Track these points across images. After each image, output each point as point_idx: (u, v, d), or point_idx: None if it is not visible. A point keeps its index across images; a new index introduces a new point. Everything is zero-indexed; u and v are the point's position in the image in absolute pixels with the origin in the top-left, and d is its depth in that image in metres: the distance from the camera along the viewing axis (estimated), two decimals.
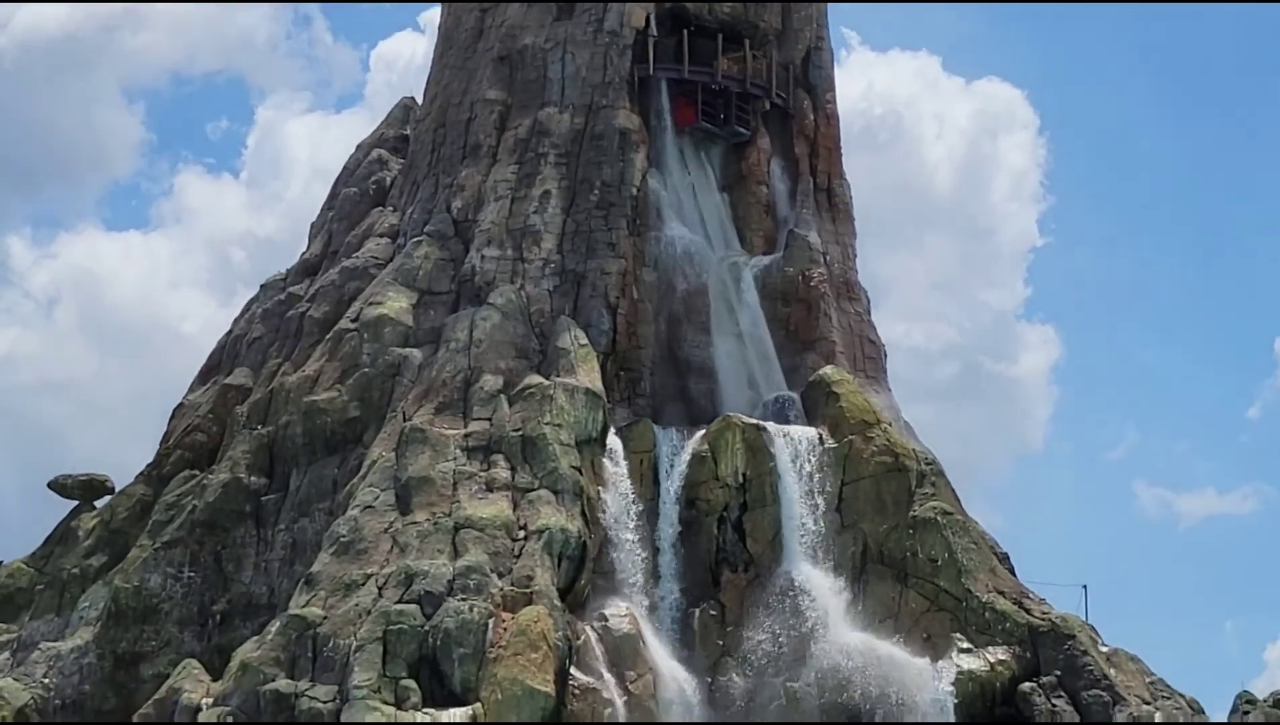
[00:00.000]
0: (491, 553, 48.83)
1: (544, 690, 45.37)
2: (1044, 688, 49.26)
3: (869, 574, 52.10)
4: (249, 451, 54.86)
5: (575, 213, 57.62)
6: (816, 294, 58.90)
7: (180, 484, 55.57)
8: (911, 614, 51.35)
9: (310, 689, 46.04)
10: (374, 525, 50.02)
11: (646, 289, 57.55)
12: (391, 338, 55.38)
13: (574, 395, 52.60)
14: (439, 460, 51.23)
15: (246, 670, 46.92)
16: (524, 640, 46.13)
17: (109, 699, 51.35)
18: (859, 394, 55.38)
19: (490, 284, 56.06)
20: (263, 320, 60.61)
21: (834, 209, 62.10)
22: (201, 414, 58.25)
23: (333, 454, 53.96)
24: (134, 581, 53.00)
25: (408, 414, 53.02)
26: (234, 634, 51.40)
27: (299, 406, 54.74)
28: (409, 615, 46.93)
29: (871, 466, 53.17)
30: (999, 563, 53.29)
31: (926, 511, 52.48)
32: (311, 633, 47.27)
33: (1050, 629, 50.51)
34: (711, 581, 52.26)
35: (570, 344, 54.24)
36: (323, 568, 49.41)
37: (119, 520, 56.62)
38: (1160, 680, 50.76)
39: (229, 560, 53.54)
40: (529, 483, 50.84)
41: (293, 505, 53.68)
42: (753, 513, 52.88)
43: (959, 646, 50.15)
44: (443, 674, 46.33)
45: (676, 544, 52.59)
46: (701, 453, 53.39)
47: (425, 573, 47.98)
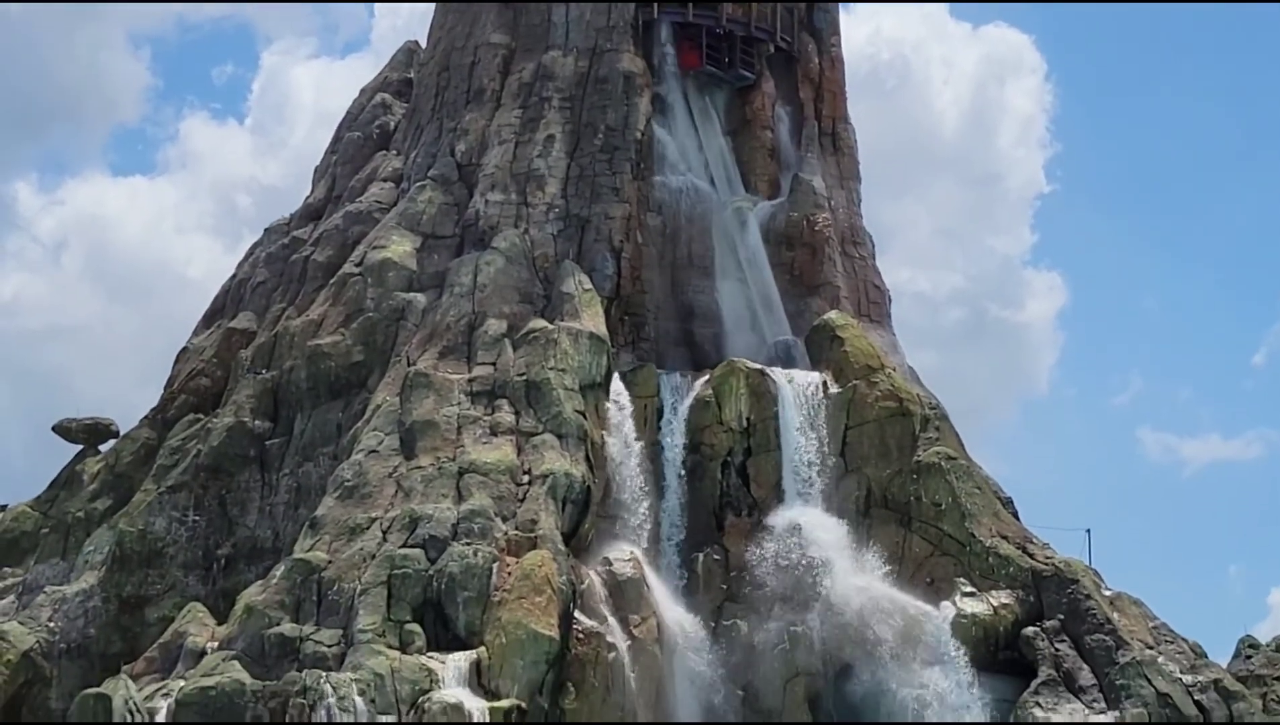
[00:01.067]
0: (496, 497, 48.89)
1: (548, 634, 45.45)
2: (1047, 632, 49.33)
3: (872, 518, 52.15)
4: (253, 396, 54.88)
5: (579, 157, 57.50)
6: (821, 238, 58.82)
7: (185, 428, 55.60)
8: (915, 558, 51.42)
9: (315, 633, 46.15)
10: (378, 469, 50.06)
11: (650, 233, 57.48)
12: (395, 282, 55.31)
13: (578, 340, 52.57)
14: (443, 405, 51.24)
15: (251, 614, 47.02)
16: (528, 584, 46.21)
17: (114, 642, 51.44)
18: (863, 339, 55.35)
19: (494, 228, 55.98)
20: (266, 264, 60.54)
21: (839, 153, 61.97)
22: (205, 358, 58.25)
23: (337, 398, 53.97)
24: (139, 525, 53.08)
25: (412, 358, 53.01)
26: (238, 578, 51.51)
27: (303, 351, 54.72)
28: (413, 559, 47.01)
29: (875, 411, 53.17)
30: (1002, 507, 53.33)
31: (930, 456, 52.50)
32: (316, 576, 47.35)
33: (1053, 573, 50.57)
34: (715, 526, 52.31)
35: (574, 288, 54.20)
36: (327, 512, 49.48)
37: (123, 464, 56.67)
38: (1163, 624, 50.84)
39: (233, 504, 53.61)
40: (533, 427, 50.86)
41: (297, 449, 53.71)
42: (756, 457, 52.90)
43: (962, 591, 50.22)
44: (447, 618, 46.42)
45: (680, 488, 52.63)
46: (705, 397, 53.38)
47: (429, 517, 48.04)
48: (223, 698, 43.99)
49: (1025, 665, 48.98)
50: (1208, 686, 48.04)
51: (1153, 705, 47.31)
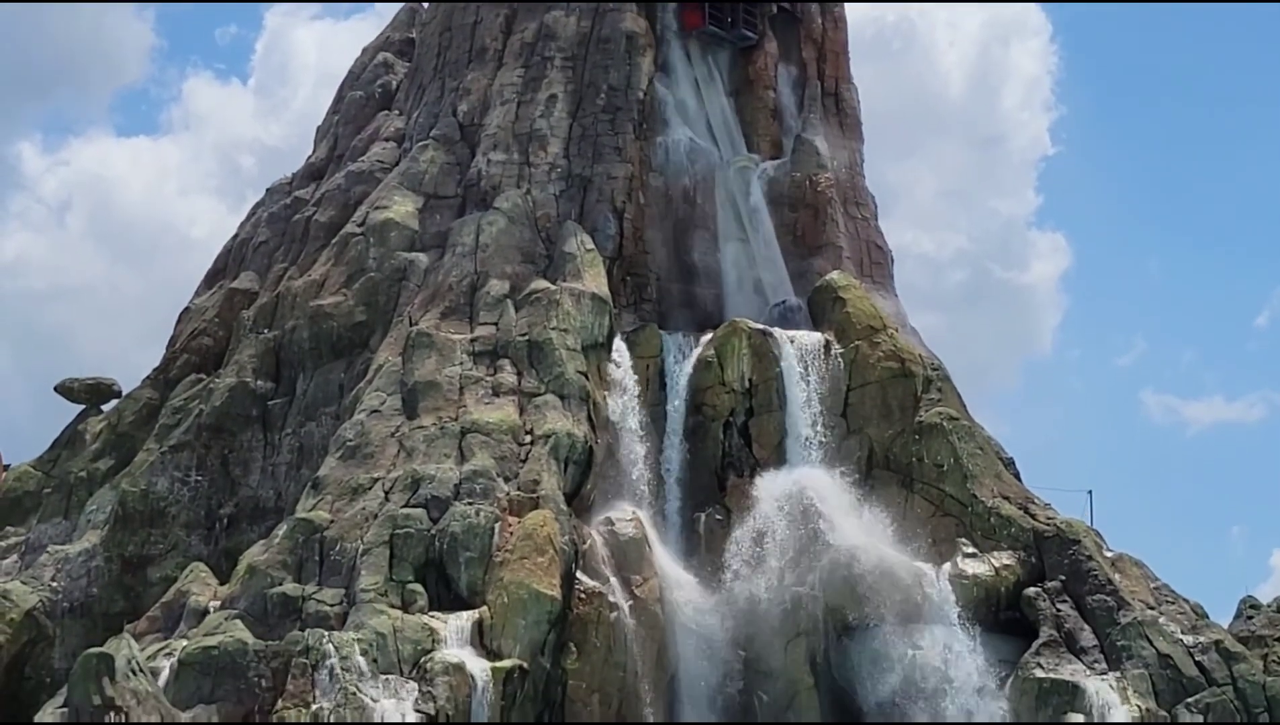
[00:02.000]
0: (498, 457, 48.90)
1: (550, 594, 45.50)
2: (1048, 592, 49.38)
3: (874, 479, 52.19)
4: (255, 356, 54.87)
5: (581, 117, 57.41)
6: (824, 199, 58.75)
7: (187, 388, 55.60)
8: (916, 519, 51.44)
9: (317, 592, 46.19)
10: (380, 429, 50.07)
11: (653, 194, 57.41)
12: (397, 242, 55.26)
13: (580, 300, 52.54)
14: (445, 365, 51.23)
15: (254, 573, 47.06)
16: (530, 544, 46.25)
17: (116, 602, 51.49)
18: (865, 299, 55.33)
19: (496, 188, 55.92)
20: (268, 224, 60.47)
21: (841, 114, 61.84)
22: (208, 318, 58.22)
23: (339, 358, 53.95)
24: (141, 485, 53.11)
25: (414, 319, 52.98)
26: (241, 537, 51.56)
27: (305, 311, 54.69)
28: (415, 519, 47.05)
29: (878, 372, 53.19)
30: (1004, 468, 53.35)
31: (932, 417, 52.51)
32: (318, 536, 47.39)
33: (1055, 534, 50.60)
34: (717, 486, 52.35)
35: (576, 249, 54.16)
36: (329, 472, 49.50)
37: (126, 424, 56.69)
38: (1164, 585, 50.88)
39: (236, 464, 53.62)
40: (535, 387, 50.86)
41: (299, 409, 53.72)
42: (759, 418, 52.92)
43: (964, 551, 50.26)
44: (449, 578, 46.48)
45: (682, 449, 52.69)
46: (708, 358, 53.39)
47: (432, 477, 48.07)
48: (225, 657, 44.03)
49: (1026, 626, 49.03)
50: (1209, 647, 48.10)
51: (1154, 666, 47.38)
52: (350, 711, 41.70)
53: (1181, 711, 46.51)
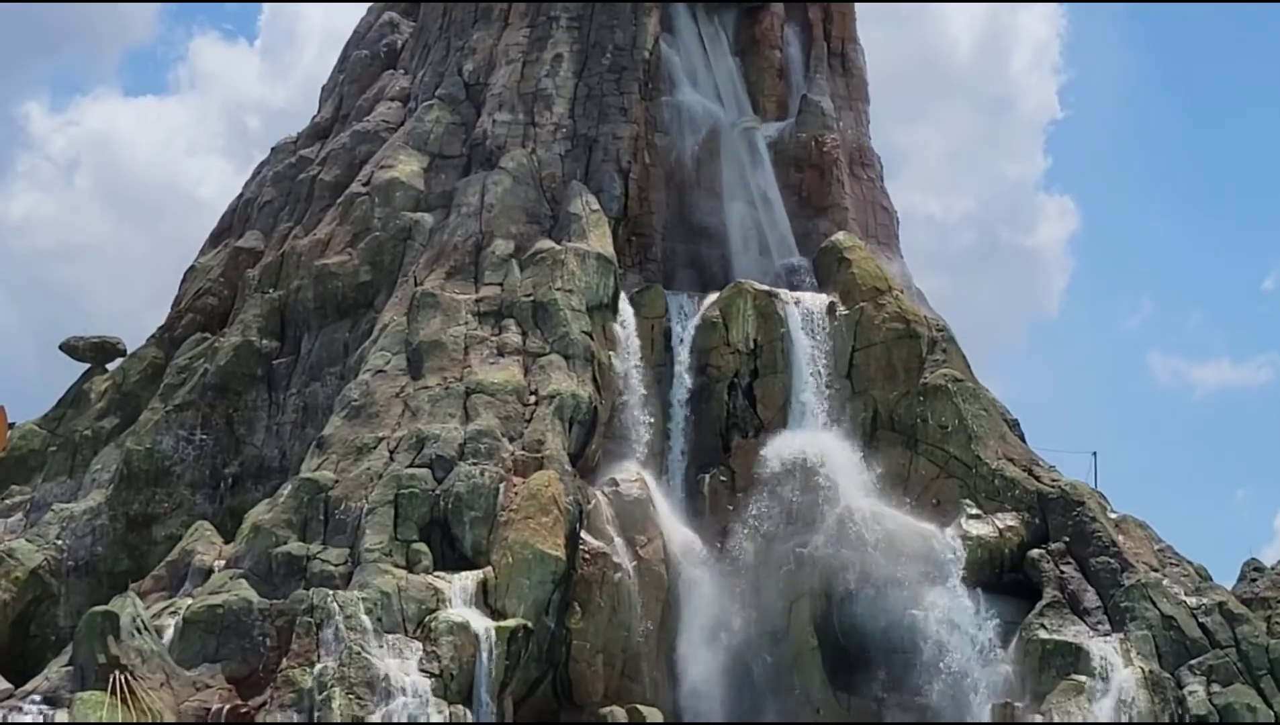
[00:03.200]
0: (503, 417, 48.92)
1: (554, 554, 45.55)
2: (1052, 554, 49.42)
3: (879, 440, 52.19)
4: (260, 315, 54.86)
5: (587, 77, 57.30)
6: (829, 160, 58.65)
7: (192, 347, 55.60)
8: (921, 480, 51.47)
9: (322, 552, 46.25)
10: (385, 389, 50.08)
11: (658, 154, 57.32)
12: (403, 202, 55.20)
13: (585, 260, 52.49)
14: (450, 325, 51.20)
15: (258, 533, 47.12)
16: (535, 504, 46.28)
17: (121, 560, 51.57)
18: (871, 261, 55.26)
19: (501, 148, 55.83)
20: (273, 183, 60.38)
21: (847, 75, 61.69)
22: (213, 277, 58.18)
23: (344, 318, 53.93)
24: (146, 444, 53.13)
25: (419, 278, 52.94)
26: (246, 496, 51.59)
27: (310, 270, 54.66)
28: (420, 479, 47.07)
29: (882, 333, 53.14)
30: (1009, 429, 53.36)
31: (937, 378, 52.48)
32: (323, 496, 47.43)
33: (1059, 496, 50.63)
34: (722, 447, 52.36)
35: (582, 209, 54.08)
36: (334, 431, 49.52)
37: (131, 383, 56.70)
38: (1169, 547, 50.89)
39: (240, 423, 53.64)
40: (540, 347, 50.85)
41: (304, 369, 53.73)
42: (763, 379, 52.91)
43: (968, 513, 50.29)
44: (454, 537, 46.52)
45: (687, 409, 52.68)
46: (713, 319, 53.34)
47: (436, 437, 48.08)
48: (230, 616, 44.12)
49: (1030, 587, 49.08)
50: (1212, 609, 48.12)
51: (1157, 627, 47.41)
52: (355, 670, 41.75)
53: (1185, 673, 46.55)
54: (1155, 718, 45.47)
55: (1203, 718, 45.40)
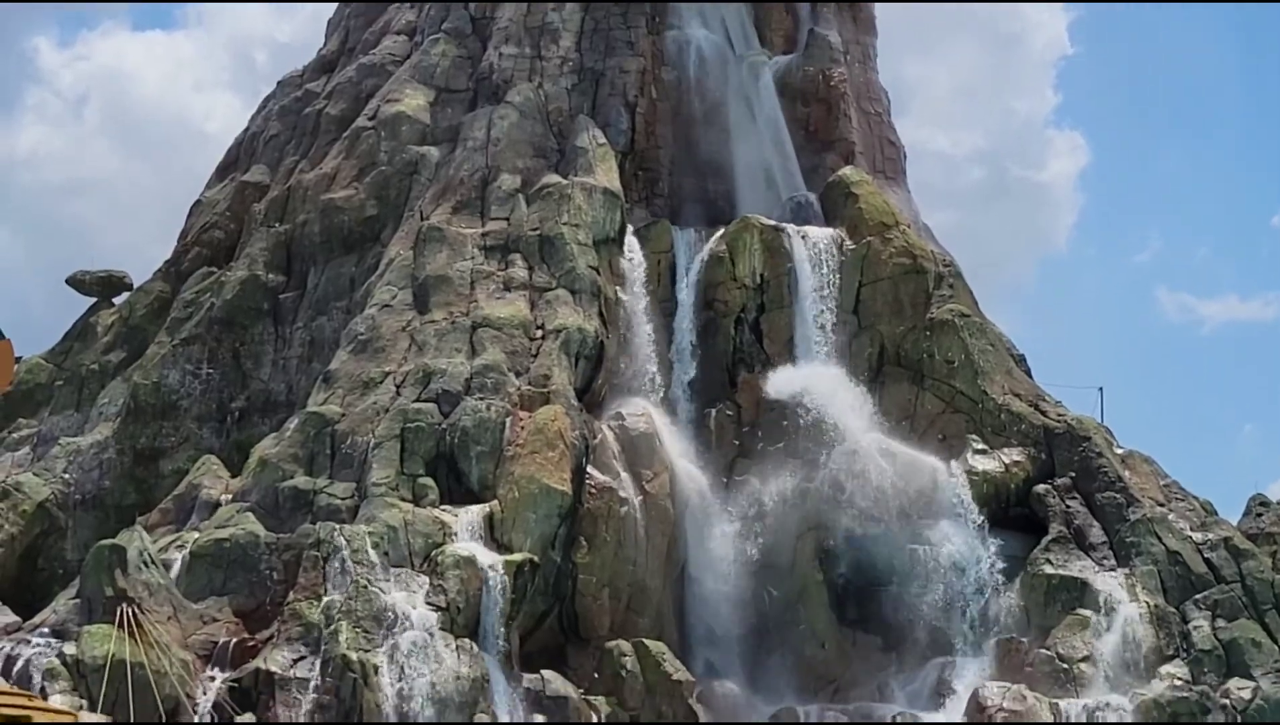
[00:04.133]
0: (509, 352, 48.91)
1: (560, 488, 45.60)
2: (1058, 489, 49.44)
3: (885, 375, 52.16)
4: (266, 249, 54.80)
5: (594, 10, 57.10)
6: (836, 94, 58.45)
7: (198, 281, 55.56)
8: (927, 415, 51.46)
9: (329, 486, 46.32)
10: (391, 324, 50.06)
11: (665, 88, 57.15)
12: (409, 136, 55.07)
13: (592, 195, 52.39)
14: (456, 259, 51.15)
15: (265, 466, 47.19)
16: (541, 439, 46.32)
17: (129, 494, 51.64)
18: (878, 195, 55.13)
19: (508, 82, 55.66)
20: (279, 117, 60.22)
21: (855, 9, 61.40)
22: (219, 211, 58.10)
23: (350, 252, 53.88)
24: (152, 378, 53.15)
25: (425, 213, 52.86)
26: (252, 430, 51.63)
27: (316, 204, 54.58)
28: (427, 413, 47.10)
29: (889, 268, 53.05)
30: (1015, 364, 53.30)
31: (944, 313, 52.41)
32: (330, 430, 47.48)
33: (1065, 431, 50.62)
34: (728, 381, 52.34)
35: (588, 143, 53.95)
36: (340, 366, 49.53)
37: (137, 317, 56.70)
38: (1174, 483, 50.89)
39: (247, 357, 53.64)
40: (546, 282, 50.79)
41: (310, 303, 53.69)
42: (769, 313, 52.85)
43: (974, 448, 50.28)
44: (460, 472, 46.57)
45: (693, 344, 52.63)
46: (719, 253, 53.26)
47: (443, 371, 48.08)
48: (237, 549, 44.25)
49: (1036, 522, 49.12)
50: (1218, 544, 48.16)
51: (1162, 562, 47.47)
52: (361, 604, 41.86)
53: (1190, 608, 46.63)
54: (1160, 653, 45.56)
55: (1207, 652, 45.47)
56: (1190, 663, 45.49)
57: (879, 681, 47.49)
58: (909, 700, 46.60)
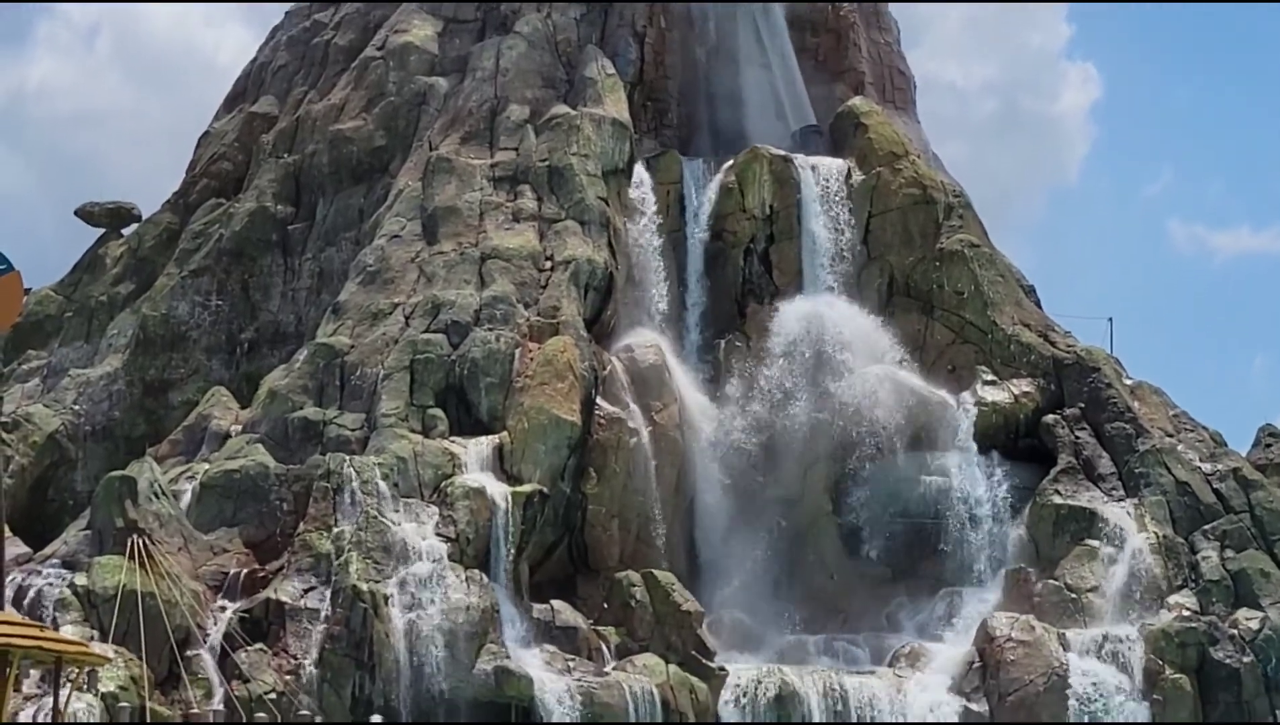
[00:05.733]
0: (518, 283, 48.88)
1: (570, 420, 45.64)
2: (1067, 420, 49.46)
3: (895, 306, 52.12)
4: (275, 180, 54.71)
5: None
6: (845, 24, 58.26)
7: (207, 212, 55.49)
8: (937, 346, 51.45)
9: (338, 417, 46.38)
10: (400, 255, 50.01)
11: (674, 18, 56.89)
12: (417, 66, 54.88)
13: (601, 125, 52.25)
14: (465, 190, 51.06)
15: (275, 398, 47.25)
16: (550, 370, 46.33)
17: (138, 425, 51.72)
18: (888, 125, 54.94)
19: (516, 12, 55.44)
20: (288, 48, 59.98)
21: None
22: (227, 142, 57.97)
23: (359, 183, 53.79)
24: (161, 309, 53.16)
25: (434, 143, 52.75)
26: (262, 362, 51.65)
27: (325, 135, 54.46)
28: (436, 344, 47.12)
29: (899, 198, 52.94)
30: (1025, 295, 53.26)
31: (953, 244, 52.33)
32: (339, 361, 47.51)
33: (1075, 361, 50.60)
34: (737, 313, 52.31)
35: (597, 74, 53.77)
36: (349, 297, 49.52)
37: (146, 248, 56.64)
38: (1183, 413, 50.89)
39: (256, 289, 53.60)
40: (555, 213, 50.72)
41: (319, 234, 53.63)
42: (779, 244, 52.77)
43: (983, 378, 50.29)
44: (469, 403, 46.62)
45: (702, 275, 52.60)
46: (728, 184, 53.15)
47: (452, 302, 48.07)
48: (247, 480, 44.33)
49: (1045, 453, 49.16)
50: (1226, 475, 48.19)
51: (1171, 493, 47.50)
52: (371, 535, 41.98)
53: (1198, 538, 46.68)
54: (1168, 583, 45.64)
55: (1216, 582, 45.55)
56: (1198, 593, 45.57)
57: (887, 612, 47.65)
58: (917, 631, 46.76)
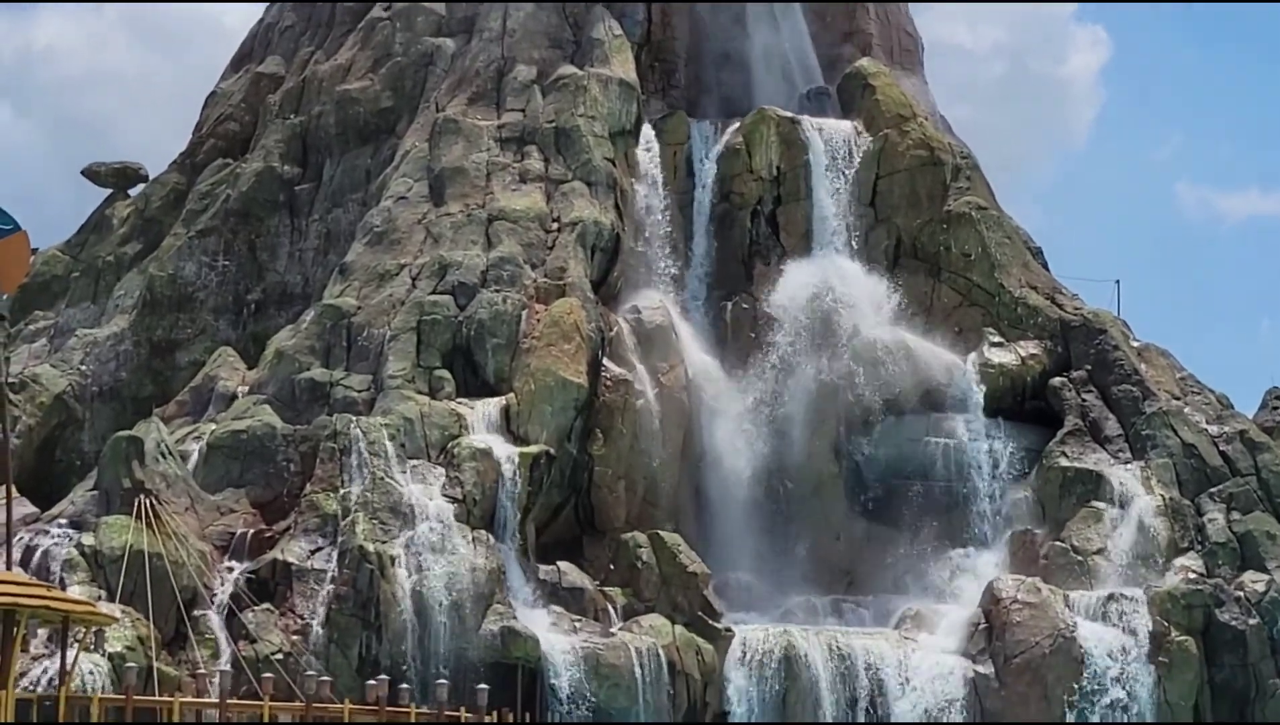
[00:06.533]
0: (525, 244, 48.84)
1: (576, 381, 45.65)
2: (1074, 382, 49.45)
3: (902, 268, 52.07)
4: (282, 141, 54.66)
5: None
6: None
7: (214, 173, 55.45)
8: (943, 308, 51.42)
9: (345, 378, 46.41)
10: (407, 216, 49.99)
11: None
12: (424, 27, 54.78)
13: (608, 86, 52.15)
14: (472, 151, 51.00)
15: (282, 358, 47.27)
16: (557, 331, 46.34)
17: (145, 386, 51.78)
18: (895, 87, 54.82)
19: None
20: (294, 8, 59.86)
21: None
22: (234, 103, 57.91)
23: (365, 144, 53.74)
24: (169, 270, 53.18)
25: (441, 104, 52.67)
26: (269, 322, 51.67)
27: (331, 96, 54.39)
28: (443, 306, 47.12)
29: (906, 160, 52.85)
30: (1032, 257, 53.21)
31: (961, 206, 52.27)
32: (346, 322, 47.52)
33: (1082, 324, 50.57)
34: (744, 274, 52.26)
35: (604, 34, 53.63)
36: (356, 258, 49.51)
37: (153, 209, 56.62)
38: (1190, 376, 50.90)
39: (263, 249, 53.61)
40: (562, 174, 50.66)
41: (326, 195, 53.61)
42: (786, 206, 52.71)
43: (990, 341, 50.28)
44: (476, 364, 46.64)
45: (709, 237, 52.54)
46: (735, 145, 53.05)
47: (459, 263, 48.05)
48: (254, 441, 44.40)
49: (1052, 415, 49.16)
50: (1233, 437, 48.20)
51: (1178, 455, 47.52)
52: (378, 496, 42.03)
53: (1205, 501, 46.72)
54: (1175, 545, 45.67)
55: (1222, 545, 45.58)
56: (1205, 555, 45.65)
57: (894, 574, 47.71)
58: (923, 592, 46.81)
